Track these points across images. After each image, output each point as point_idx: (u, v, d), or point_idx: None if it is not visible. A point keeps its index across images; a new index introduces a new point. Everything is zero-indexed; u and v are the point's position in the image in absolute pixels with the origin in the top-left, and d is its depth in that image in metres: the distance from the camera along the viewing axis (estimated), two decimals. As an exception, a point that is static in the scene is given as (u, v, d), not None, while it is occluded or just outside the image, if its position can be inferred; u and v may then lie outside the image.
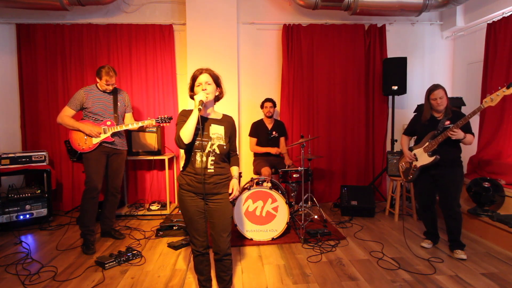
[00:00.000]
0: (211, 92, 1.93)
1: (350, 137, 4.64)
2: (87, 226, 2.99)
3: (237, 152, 2.16)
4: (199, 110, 1.83)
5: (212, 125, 1.97)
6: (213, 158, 1.93)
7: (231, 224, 2.07)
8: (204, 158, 1.91)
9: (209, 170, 1.92)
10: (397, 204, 3.82)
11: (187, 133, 1.84)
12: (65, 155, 4.24)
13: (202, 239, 1.99)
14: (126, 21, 4.34)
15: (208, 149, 1.92)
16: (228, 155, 2.07)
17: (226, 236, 2.00)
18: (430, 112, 2.83)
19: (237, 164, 2.13)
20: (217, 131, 1.96)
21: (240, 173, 2.11)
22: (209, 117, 2.00)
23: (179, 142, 1.86)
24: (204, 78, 1.93)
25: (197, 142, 1.91)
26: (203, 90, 1.90)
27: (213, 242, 2.00)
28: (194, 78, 1.97)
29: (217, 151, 1.93)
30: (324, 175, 4.66)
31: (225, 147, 1.95)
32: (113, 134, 3.06)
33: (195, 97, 1.90)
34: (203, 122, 1.95)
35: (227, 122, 2.03)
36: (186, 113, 1.93)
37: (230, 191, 2.00)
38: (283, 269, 2.63)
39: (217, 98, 2.03)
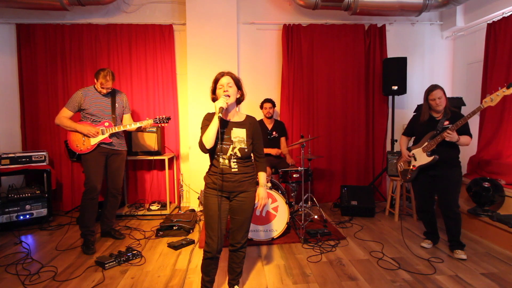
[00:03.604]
0: (233, 95, 1.97)
1: (350, 137, 4.64)
2: (87, 226, 2.99)
3: (263, 155, 2.15)
4: (219, 117, 1.86)
5: (233, 128, 2.00)
6: (235, 161, 1.97)
7: (250, 222, 2.15)
8: (226, 161, 1.95)
9: (233, 170, 1.97)
10: (397, 204, 3.82)
11: (208, 139, 1.89)
12: (65, 155, 4.23)
13: (217, 241, 1.98)
14: (126, 21, 4.34)
15: (229, 152, 1.95)
16: (251, 156, 2.09)
17: (246, 232, 2.09)
18: (429, 112, 2.83)
19: (264, 170, 2.15)
20: (238, 135, 1.99)
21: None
22: (231, 120, 2.03)
23: (201, 147, 1.92)
24: (225, 80, 1.98)
25: (219, 146, 1.94)
26: (224, 92, 1.94)
27: (232, 235, 2.10)
28: (216, 81, 2.01)
29: (239, 154, 1.97)
30: (324, 175, 4.66)
31: (246, 150, 1.99)
32: (111, 135, 3.06)
33: (215, 103, 1.93)
34: (225, 126, 1.98)
35: (250, 124, 2.06)
36: (210, 117, 1.99)
37: (256, 201, 2.07)
38: (283, 269, 2.63)
39: (238, 101, 2.07)
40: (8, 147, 4.24)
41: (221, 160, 1.95)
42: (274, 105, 4.15)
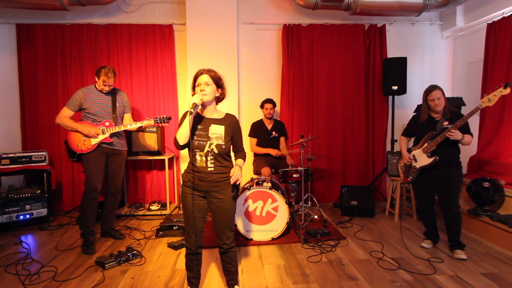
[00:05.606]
0: (209, 93, 1.96)
1: (350, 137, 4.64)
2: (87, 226, 2.99)
3: (243, 148, 2.15)
4: (190, 113, 1.87)
5: (212, 125, 1.99)
6: (212, 157, 1.96)
7: (233, 221, 2.13)
8: (204, 158, 1.95)
9: (209, 169, 1.96)
10: (397, 204, 3.82)
11: (181, 135, 1.90)
12: (65, 155, 4.24)
13: (196, 238, 2.03)
14: (126, 21, 4.34)
15: (206, 148, 1.95)
16: (229, 153, 2.08)
17: (229, 232, 2.07)
18: (428, 113, 2.83)
19: (243, 158, 2.12)
20: (216, 131, 1.99)
21: None
22: (210, 117, 2.03)
23: (175, 143, 1.92)
24: (203, 78, 1.97)
25: (196, 142, 1.94)
26: (201, 91, 1.94)
27: (217, 237, 2.08)
28: (195, 78, 2.01)
29: (216, 150, 1.96)
30: (324, 175, 4.66)
31: (224, 147, 1.97)
32: (112, 135, 3.05)
33: (188, 99, 1.94)
34: (203, 122, 1.98)
35: (229, 121, 2.04)
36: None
37: (231, 174, 1.95)
38: (283, 269, 2.63)
39: (218, 99, 2.06)
40: (8, 147, 4.24)
41: (198, 157, 1.95)
42: (274, 106, 4.14)
